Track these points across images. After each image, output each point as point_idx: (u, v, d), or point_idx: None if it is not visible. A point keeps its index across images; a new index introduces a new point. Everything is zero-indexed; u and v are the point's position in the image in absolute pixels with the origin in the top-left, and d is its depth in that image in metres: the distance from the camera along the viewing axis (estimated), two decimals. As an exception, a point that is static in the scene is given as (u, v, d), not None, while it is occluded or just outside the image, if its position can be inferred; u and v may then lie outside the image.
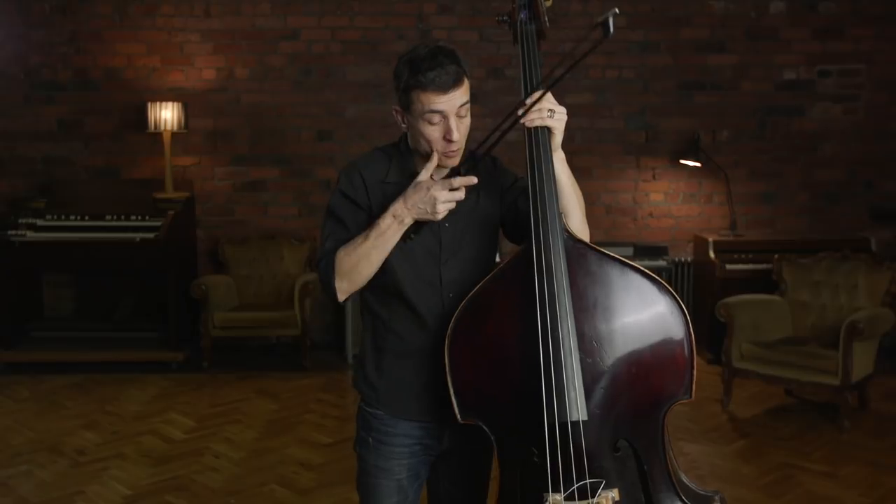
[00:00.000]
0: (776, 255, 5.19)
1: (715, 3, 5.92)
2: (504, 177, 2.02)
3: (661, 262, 5.77)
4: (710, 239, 5.65)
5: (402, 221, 1.82)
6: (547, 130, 1.83)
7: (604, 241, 5.89)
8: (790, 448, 4.21)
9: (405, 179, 1.91)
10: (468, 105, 1.85)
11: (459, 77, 1.81)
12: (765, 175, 6.05)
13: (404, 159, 1.94)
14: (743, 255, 5.56)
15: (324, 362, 5.69)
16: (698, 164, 5.82)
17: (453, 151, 1.85)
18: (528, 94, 1.83)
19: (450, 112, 1.80)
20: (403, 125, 1.90)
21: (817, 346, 4.58)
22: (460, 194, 1.80)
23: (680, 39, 5.94)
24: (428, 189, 1.79)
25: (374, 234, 1.83)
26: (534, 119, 1.81)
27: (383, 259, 1.86)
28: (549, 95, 1.80)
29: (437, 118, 1.81)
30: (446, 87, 1.78)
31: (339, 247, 1.89)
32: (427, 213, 1.80)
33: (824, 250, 5.06)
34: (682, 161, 5.88)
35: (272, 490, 3.76)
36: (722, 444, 4.27)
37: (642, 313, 1.79)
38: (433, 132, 1.82)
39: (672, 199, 6.07)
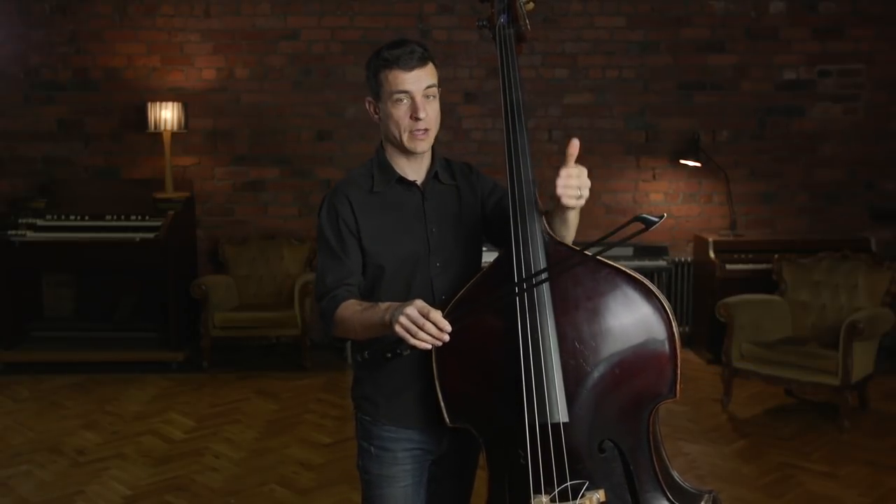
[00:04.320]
0: (776, 255, 5.19)
1: (715, 3, 5.92)
2: (482, 182, 2.05)
3: (661, 262, 5.77)
4: (710, 239, 5.65)
5: (384, 323, 1.73)
6: (523, 121, 1.86)
7: (604, 241, 5.89)
8: (790, 448, 4.21)
9: (393, 186, 1.95)
10: (435, 88, 1.90)
11: (424, 58, 1.87)
12: (765, 175, 6.05)
13: (384, 167, 1.96)
14: (743, 255, 5.56)
15: (324, 362, 5.70)
16: (698, 164, 5.82)
17: (420, 131, 1.88)
18: (507, 96, 1.87)
19: (416, 92, 1.86)
20: (376, 116, 1.96)
21: (817, 346, 4.58)
22: (429, 325, 1.65)
23: (680, 39, 5.94)
24: (412, 305, 1.67)
25: (366, 320, 1.79)
26: (570, 196, 1.75)
27: (374, 331, 1.81)
28: (582, 172, 1.75)
29: (404, 98, 1.86)
30: (410, 64, 1.85)
31: (339, 282, 1.90)
32: (394, 318, 1.68)
33: (824, 250, 5.06)
34: (682, 161, 5.88)
35: (272, 490, 3.76)
36: (722, 444, 4.27)
37: (626, 314, 1.77)
38: (400, 112, 1.87)
39: (672, 199, 6.07)
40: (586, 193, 1.77)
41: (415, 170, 1.97)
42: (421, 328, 1.65)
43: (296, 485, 3.80)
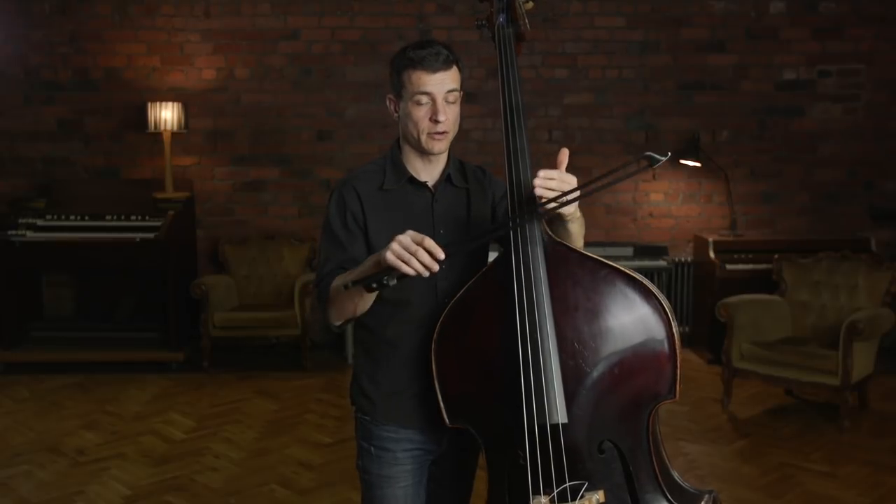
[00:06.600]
0: (776, 255, 5.19)
1: (715, 3, 5.92)
2: (495, 185, 2.05)
3: (661, 262, 5.77)
4: (710, 239, 5.65)
5: (377, 262, 1.70)
6: (522, 121, 1.86)
7: (604, 241, 5.90)
8: (790, 448, 4.21)
9: (403, 185, 1.94)
10: (457, 93, 1.89)
11: (449, 61, 1.86)
12: (765, 175, 6.05)
13: (397, 166, 1.96)
14: (743, 255, 5.56)
15: (324, 362, 5.70)
16: (698, 164, 5.81)
17: (439, 133, 1.88)
18: (506, 96, 1.87)
19: (437, 94, 1.85)
20: (395, 114, 1.94)
21: (817, 346, 4.58)
22: (422, 252, 1.63)
23: (680, 39, 5.94)
24: (404, 234, 1.66)
25: (358, 273, 1.77)
26: (546, 192, 1.74)
27: (365, 298, 1.79)
28: (564, 176, 1.74)
29: (425, 99, 1.85)
30: (435, 66, 1.84)
31: (339, 266, 1.89)
32: (386, 252, 1.66)
33: (824, 250, 5.06)
34: (682, 161, 5.88)
35: (272, 490, 3.76)
36: (722, 444, 4.27)
37: (625, 314, 1.77)
38: (420, 113, 1.86)
39: (672, 199, 6.07)
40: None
41: (428, 171, 1.96)
42: (414, 255, 1.63)
43: (296, 485, 3.80)
